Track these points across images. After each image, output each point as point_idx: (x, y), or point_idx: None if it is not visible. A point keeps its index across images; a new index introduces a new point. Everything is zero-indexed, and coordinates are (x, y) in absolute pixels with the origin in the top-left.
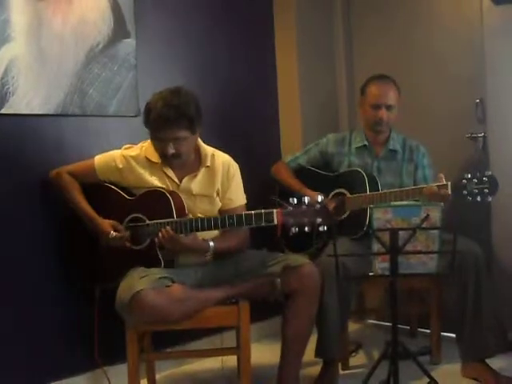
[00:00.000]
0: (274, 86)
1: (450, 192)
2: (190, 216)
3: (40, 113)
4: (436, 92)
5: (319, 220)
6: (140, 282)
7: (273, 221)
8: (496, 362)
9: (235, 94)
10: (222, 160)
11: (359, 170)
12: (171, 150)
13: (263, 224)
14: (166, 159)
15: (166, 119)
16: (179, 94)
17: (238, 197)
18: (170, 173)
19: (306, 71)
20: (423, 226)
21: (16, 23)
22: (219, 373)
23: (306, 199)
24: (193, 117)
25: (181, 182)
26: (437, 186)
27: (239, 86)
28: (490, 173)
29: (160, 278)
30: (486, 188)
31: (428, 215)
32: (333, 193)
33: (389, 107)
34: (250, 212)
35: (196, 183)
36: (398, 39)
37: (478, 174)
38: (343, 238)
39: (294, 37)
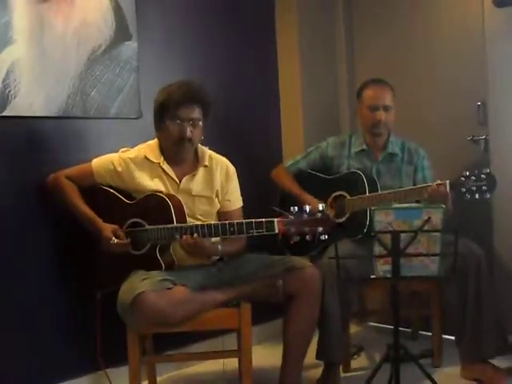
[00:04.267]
0: (275, 87)
1: (448, 190)
2: (190, 219)
3: (42, 115)
4: (437, 95)
5: (320, 229)
6: (141, 285)
7: (274, 230)
8: (496, 364)
9: (237, 96)
10: (220, 161)
11: (358, 171)
12: (189, 132)
13: (264, 232)
14: (181, 144)
15: (191, 96)
16: (198, 82)
17: (235, 199)
18: (170, 171)
19: (308, 73)
20: (425, 228)
21: (18, 25)
22: (220, 375)
23: (307, 208)
24: (209, 101)
25: (180, 181)
26: (435, 184)
27: (241, 88)
28: (487, 170)
29: (161, 280)
30: (484, 185)
31: (430, 217)
32: (333, 195)
33: (386, 108)
34: (250, 220)
35: (195, 183)
36: (399, 42)
37: (476, 172)
38: (345, 240)
39: (295, 38)
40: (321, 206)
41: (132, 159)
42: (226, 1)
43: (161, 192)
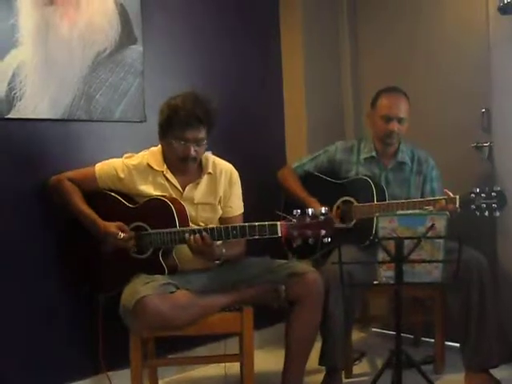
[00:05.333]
0: (279, 91)
1: (457, 206)
2: (192, 225)
3: (47, 117)
4: (442, 101)
5: (323, 232)
6: (144, 288)
7: (276, 233)
8: (499, 372)
9: (241, 100)
10: (224, 167)
11: (367, 178)
12: (193, 152)
13: (267, 236)
14: (185, 162)
15: (198, 119)
16: (204, 97)
17: (237, 205)
18: (174, 180)
19: (312, 75)
20: (428, 235)
21: (24, 28)
22: (222, 379)
23: (310, 211)
24: (214, 120)
25: (184, 189)
26: (445, 199)
27: (245, 92)
28: (498, 188)
29: (164, 284)
30: (494, 203)
31: (433, 224)
32: (340, 201)
33: (400, 120)
34: (253, 223)
35: (199, 191)
36: (403, 47)
37: (486, 189)
38: (349, 245)
39: (300, 40)
40: (323, 209)
41: (135, 166)
42: (230, 4)
43: (163, 196)
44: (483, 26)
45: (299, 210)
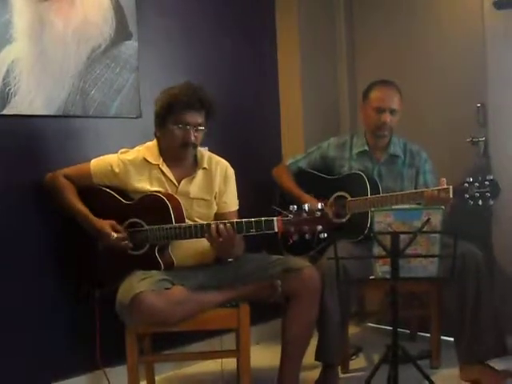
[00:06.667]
0: (275, 88)
1: (451, 196)
2: (188, 221)
3: (42, 114)
4: (437, 96)
5: (319, 227)
6: (140, 285)
7: (273, 228)
8: (495, 366)
9: (236, 96)
10: (219, 164)
11: (360, 173)
12: (193, 137)
13: (263, 232)
14: (185, 148)
15: (199, 101)
16: (200, 85)
17: (232, 201)
18: (169, 173)
19: (308, 73)
20: (424, 229)
21: (18, 24)
22: (219, 375)
23: (307, 207)
24: (213, 106)
25: (179, 183)
26: (438, 189)
27: (241, 88)
28: (491, 177)
29: (160, 280)
30: (487, 192)
31: (429, 219)
32: (334, 196)
33: (392, 111)
34: (250, 219)
35: (194, 186)
36: (399, 43)
37: (479, 178)
38: (344, 240)
39: (296, 38)
40: (320, 205)
41: (131, 161)
42: (226, 1)
43: (159, 192)
44: (478, 21)
45: (295, 206)
